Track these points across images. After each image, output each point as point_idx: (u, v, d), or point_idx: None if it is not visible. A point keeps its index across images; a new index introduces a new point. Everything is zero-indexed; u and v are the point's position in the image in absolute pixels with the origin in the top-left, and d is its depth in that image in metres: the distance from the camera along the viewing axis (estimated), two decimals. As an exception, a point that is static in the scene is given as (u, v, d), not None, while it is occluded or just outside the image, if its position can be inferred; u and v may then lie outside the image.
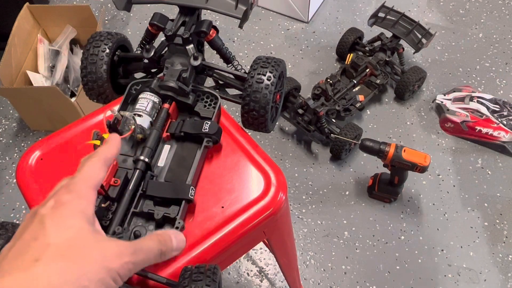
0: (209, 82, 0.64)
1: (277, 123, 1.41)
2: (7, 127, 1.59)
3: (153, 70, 0.69)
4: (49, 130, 1.56)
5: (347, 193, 1.44)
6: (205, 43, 0.68)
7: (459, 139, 1.56)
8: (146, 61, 0.65)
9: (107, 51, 0.65)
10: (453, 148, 1.54)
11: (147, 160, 0.54)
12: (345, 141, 1.37)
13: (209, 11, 0.65)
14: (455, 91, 1.62)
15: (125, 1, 0.67)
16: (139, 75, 0.70)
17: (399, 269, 1.30)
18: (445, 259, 1.31)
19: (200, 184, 0.58)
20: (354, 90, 1.53)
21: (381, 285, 1.27)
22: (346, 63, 1.57)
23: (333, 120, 1.48)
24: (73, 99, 1.42)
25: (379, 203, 1.41)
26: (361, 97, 1.51)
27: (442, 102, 1.58)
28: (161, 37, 0.65)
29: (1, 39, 1.48)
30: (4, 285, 0.30)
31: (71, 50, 1.61)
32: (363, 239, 1.35)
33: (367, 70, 1.54)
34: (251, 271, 1.30)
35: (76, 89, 1.53)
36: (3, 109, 1.63)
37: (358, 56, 1.56)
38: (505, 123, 1.51)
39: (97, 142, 0.51)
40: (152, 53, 0.63)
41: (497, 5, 1.95)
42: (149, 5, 1.82)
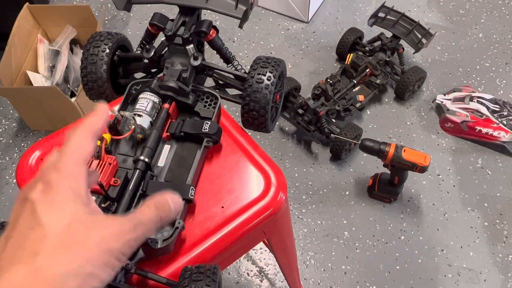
0: (209, 82, 0.64)
1: (277, 123, 1.41)
2: (7, 127, 1.59)
3: (153, 70, 0.69)
4: (49, 130, 1.56)
5: (347, 193, 1.44)
6: (205, 43, 0.68)
7: (459, 139, 1.56)
8: (146, 61, 0.64)
9: (107, 51, 0.65)
10: (453, 148, 1.54)
11: (147, 160, 0.54)
12: (345, 141, 1.37)
13: (209, 11, 0.65)
14: (455, 91, 1.61)
15: (125, 1, 0.67)
16: (139, 75, 0.69)
17: (399, 269, 1.30)
18: (445, 259, 1.31)
19: (200, 184, 0.58)
20: (354, 90, 1.53)
21: (381, 285, 1.27)
22: (346, 63, 1.57)
23: (333, 120, 1.48)
24: (73, 99, 1.41)
25: (379, 203, 1.41)
26: (361, 97, 1.51)
27: (442, 102, 1.58)
28: (161, 37, 0.65)
29: (1, 39, 1.48)
30: (8, 281, 0.30)
31: (71, 50, 1.61)
32: (363, 239, 1.35)
33: (367, 70, 1.54)
34: (251, 271, 1.30)
35: (76, 89, 1.53)
36: (3, 109, 1.63)
37: (358, 56, 1.56)
38: (505, 123, 1.51)
39: (97, 142, 0.51)
40: (152, 53, 0.63)
41: (497, 5, 1.95)
42: (149, 5, 1.82)
